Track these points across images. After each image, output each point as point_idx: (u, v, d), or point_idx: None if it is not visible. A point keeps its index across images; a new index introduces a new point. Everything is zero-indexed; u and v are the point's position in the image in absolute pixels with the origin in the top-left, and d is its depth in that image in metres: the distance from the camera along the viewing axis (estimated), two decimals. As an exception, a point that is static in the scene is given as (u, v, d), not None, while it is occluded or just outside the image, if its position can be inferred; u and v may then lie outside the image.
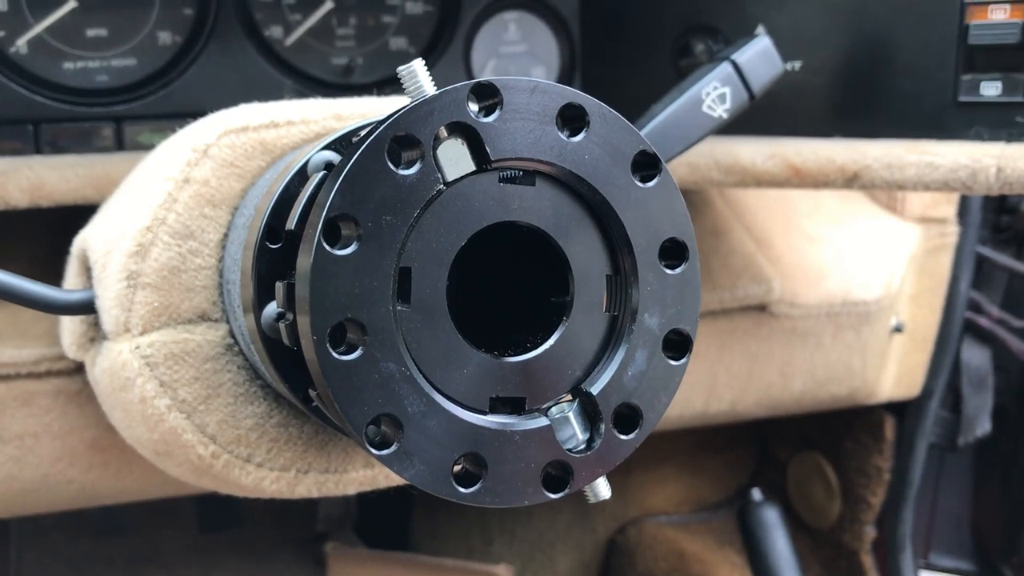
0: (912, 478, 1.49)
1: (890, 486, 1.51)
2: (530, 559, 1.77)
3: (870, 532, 1.55)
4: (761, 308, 1.22)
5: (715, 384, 1.23)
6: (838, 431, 1.58)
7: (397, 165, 0.49)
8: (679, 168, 0.96)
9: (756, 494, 1.68)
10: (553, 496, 0.53)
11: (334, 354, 0.48)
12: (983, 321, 1.49)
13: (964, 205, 1.40)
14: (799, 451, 1.68)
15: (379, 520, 1.81)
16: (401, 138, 0.49)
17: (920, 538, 1.62)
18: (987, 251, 1.48)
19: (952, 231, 1.39)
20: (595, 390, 0.54)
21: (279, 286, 0.55)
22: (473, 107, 0.50)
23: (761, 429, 1.76)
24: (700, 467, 1.80)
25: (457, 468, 0.51)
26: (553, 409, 0.55)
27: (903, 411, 1.49)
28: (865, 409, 1.48)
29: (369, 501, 1.76)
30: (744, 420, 1.32)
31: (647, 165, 0.55)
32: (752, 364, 1.24)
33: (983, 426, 1.53)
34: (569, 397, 0.55)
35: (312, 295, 0.48)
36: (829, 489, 1.60)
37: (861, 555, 1.56)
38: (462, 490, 0.51)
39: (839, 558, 1.60)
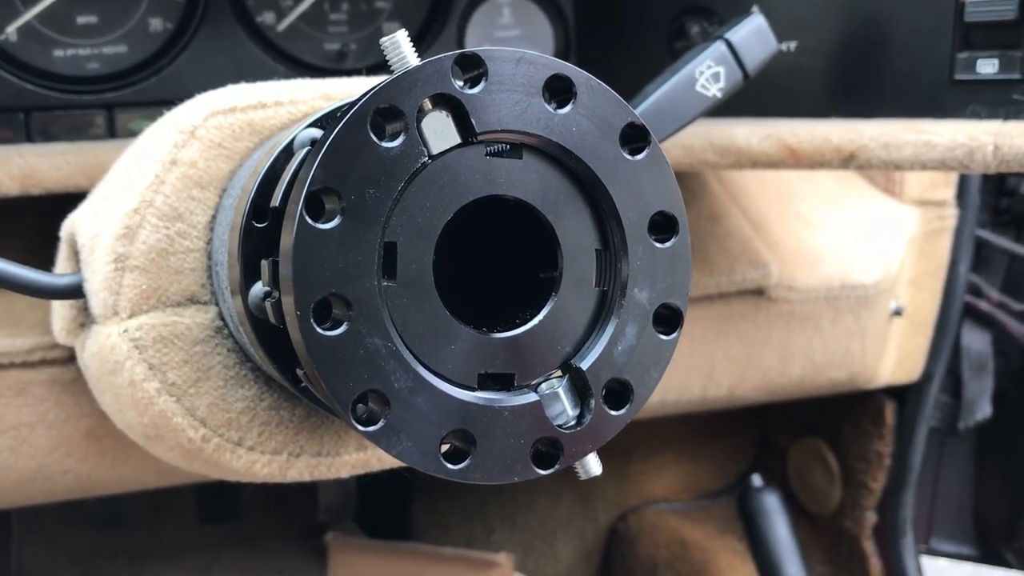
0: (913, 463, 1.48)
1: (891, 471, 1.51)
2: (531, 547, 1.77)
3: (871, 517, 1.54)
4: (759, 292, 1.21)
5: (713, 369, 1.22)
6: (838, 416, 1.58)
7: (380, 137, 0.48)
8: (673, 150, 0.95)
9: (756, 480, 1.67)
10: (543, 472, 0.53)
11: (319, 330, 0.48)
12: (983, 305, 1.49)
13: (963, 187, 1.39)
14: (799, 437, 1.68)
15: (380, 510, 1.80)
16: (384, 110, 0.48)
17: (921, 523, 1.61)
18: (986, 234, 1.47)
19: (951, 214, 1.38)
20: (585, 365, 0.54)
21: (264, 264, 0.54)
22: (457, 80, 0.50)
23: (761, 415, 1.75)
24: (700, 454, 1.80)
25: (445, 445, 0.51)
26: (543, 385, 0.54)
27: (903, 396, 1.48)
28: (865, 394, 1.47)
29: (369, 491, 1.76)
30: (743, 405, 1.32)
31: (636, 137, 0.54)
32: (750, 349, 1.23)
33: (984, 410, 1.52)
34: (559, 373, 0.55)
35: (295, 270, 0.47)
36: (829, 475, 1.60)
37: (862, 540, 1.55)
38: (450, 466, 0.50)
39: (840, 544, 1.60)
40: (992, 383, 1.52)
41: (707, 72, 0.81)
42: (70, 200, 0.82)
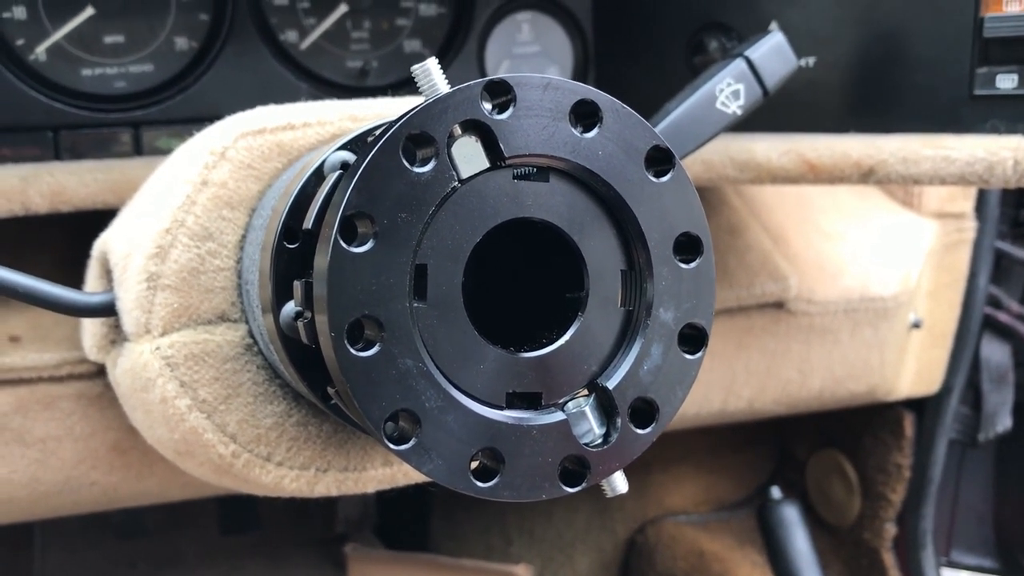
0: (932, 475, 1.48)
1: (910, 483, 1.50)
2: (549, 559, 1.77)
3: (891, 530, 1.54)
4: (779, 305, 1.21)
5: (733, 382, 1.22)
6: (857, 428, 1.58)
7: (412, 163, 0.49)
8: (694, 165, 0.96)
9: (776, 492, 1.67)
10: (570, 490, 0.53)
11: (352, 351, 0.49)
12: (1002, 316, 1.48)
13: (982, 200, 1.39)
14: (818, 449, 1.68)
15: (398, 521, 1.81)
16: (416, 136, 0.49)
17: (942, 535, 1.61)
18: (1006, 246, 1.47)
19: (970, 226, 1.38)
20: (611, 384, 0.54)
21: (297, 285, 0.55)
22: (487, 105, 0.51)
23: (780, 427, 1.75)
24: (719, 466, 1.80)
25: (475, 463, 0.52)
26: (569, 404, 0.55)
27: (922, 408, 1.48)
28: (884, 406, 1.47)
29: (388, 502, 1.77)
30: (763, 418, 1.32)
31: (661, 160, 0.55)
32: (770, 361, 1.24)
33: (1004, 422, 1.52)
34: (585, 392, 0.55)
35: (330, 292, 0.48)
36: (849, 487, 1.59)
37: (882, 553, 1.55)
38: (480, 484, 0.51)
39: (860, 556, 1.60)
40: (1012, 395, 1.52)
41: (727, 89, 0.82)
42: (97, 217, 0.83)
